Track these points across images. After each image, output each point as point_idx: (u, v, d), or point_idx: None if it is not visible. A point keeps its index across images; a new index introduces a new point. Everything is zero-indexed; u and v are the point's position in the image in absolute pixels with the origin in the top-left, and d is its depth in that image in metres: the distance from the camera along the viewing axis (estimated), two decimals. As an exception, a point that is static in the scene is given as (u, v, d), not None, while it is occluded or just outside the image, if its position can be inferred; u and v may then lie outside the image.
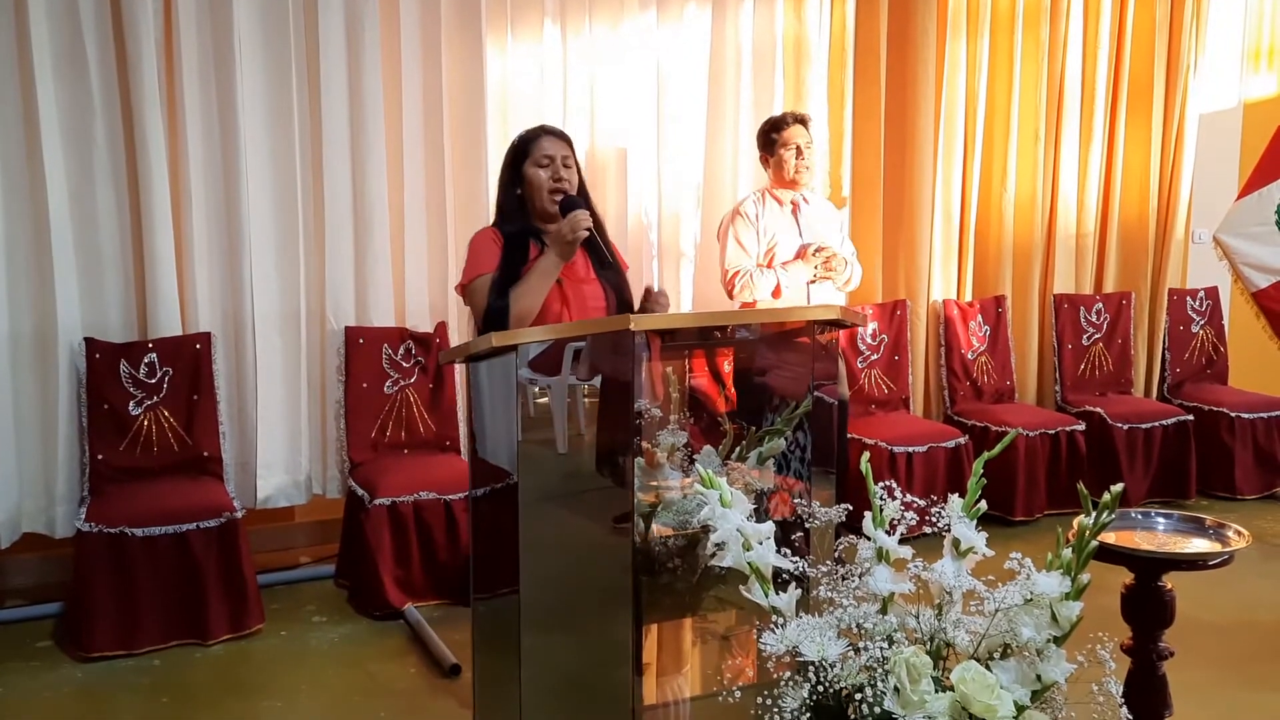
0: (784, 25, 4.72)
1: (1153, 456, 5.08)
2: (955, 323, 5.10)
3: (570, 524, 2.33)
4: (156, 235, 3.74)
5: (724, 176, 4.71)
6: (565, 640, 2.31)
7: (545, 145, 2.81)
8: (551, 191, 2.77)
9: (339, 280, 4.09)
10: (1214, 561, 2.22)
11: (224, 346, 3.94)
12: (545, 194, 2.78)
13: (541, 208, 2.80)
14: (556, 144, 2.82)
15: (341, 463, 4.09)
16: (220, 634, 3.51)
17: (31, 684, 3.24)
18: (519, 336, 2.18)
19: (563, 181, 2.77)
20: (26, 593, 3.81)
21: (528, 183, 2.80)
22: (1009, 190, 5.21)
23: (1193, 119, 5.51)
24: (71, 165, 3.67)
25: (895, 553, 1.79)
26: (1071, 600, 1.61)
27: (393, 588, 3.72)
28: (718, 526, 1.87)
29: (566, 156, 2.81)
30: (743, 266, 3.97)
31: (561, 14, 4.37)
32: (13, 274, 3.63)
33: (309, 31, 3.95)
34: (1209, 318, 5.68)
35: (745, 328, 2.54)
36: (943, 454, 4.60)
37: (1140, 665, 2.29)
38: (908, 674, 1.57)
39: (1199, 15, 5.43)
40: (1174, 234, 5.58)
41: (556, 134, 2.86)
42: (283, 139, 3.94)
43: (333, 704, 3.14)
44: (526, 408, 2.23)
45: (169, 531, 3.46)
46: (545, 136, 2.84)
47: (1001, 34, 5.13)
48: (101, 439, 3.69)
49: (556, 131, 2.88)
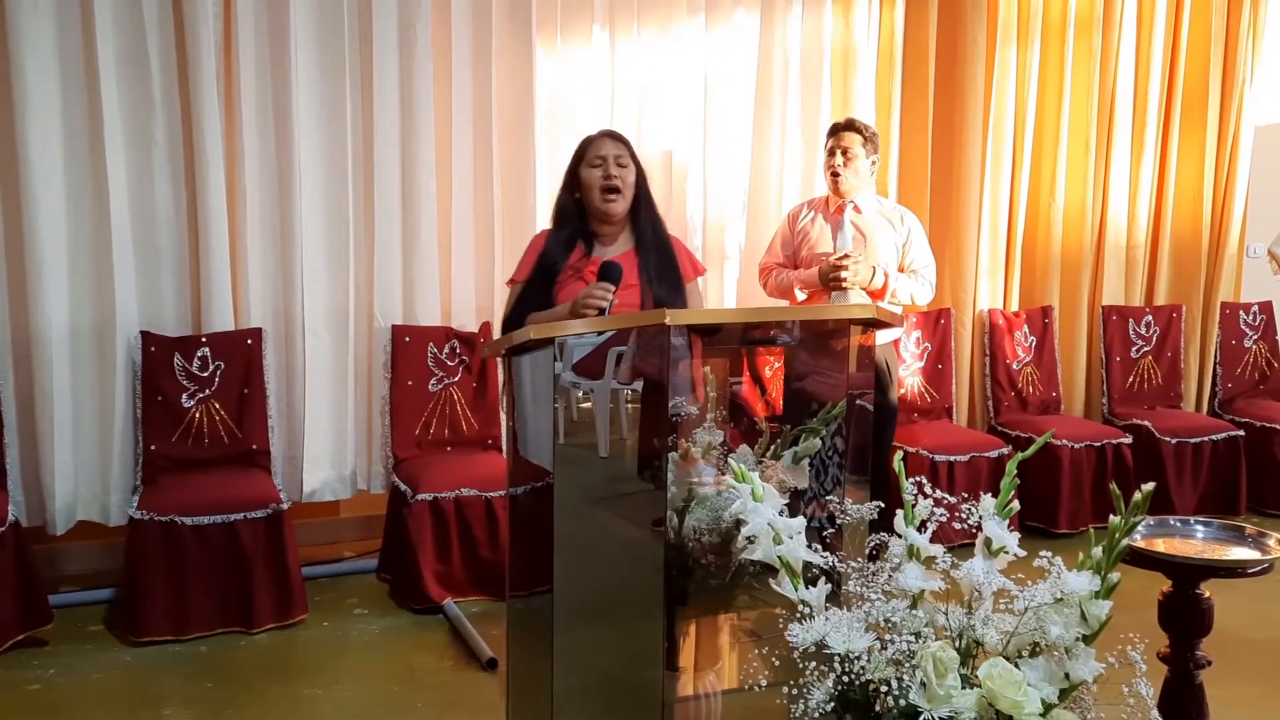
0: (832, 33, 4.72)
1: (1201, 471, 5.00)
2: (1001, 332, 5.06)
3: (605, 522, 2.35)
4: (212, 233, 3.84)
5: (770, 183, 4.72)
6: (598, 637, 2.33)
7: (599, 146, 2.87)
8: (603, 189, 2.83)
9: (387, 279, 4.16)
10: (1253, 569, 2.19)
11: (274, 342, 4.03)
12: (597, 193, 2.83)
13: (595, 208, 2.86)
14: (611, 144, 2.88)
15: (386, 459, 4.16)
16: (265, 623, 3.58)
17: (83, 665, 3.33)
18: (559, 329, 2.21)
19: (614, 179, 2.83)
20: (80, 579, 3.92)
21: (582, 184, 2.86)
22: (1058, 200, 5.16)
23: (1248, 131, 5.43)
24: (132, 164, 3.78)
25: (925, 550, 1.80)
26: (1101, 599, 1.61)
27: (433, 582, 3.77)
28: (749, 520, 1.89)
29: (620, 156, 2.86)
30: (769, 264, 4.09)
31: (611, 19, 4.42)
32: (75, 269, 3.74)
33: (363, 35, 4.03)
34: (1262, 332, 5.58)
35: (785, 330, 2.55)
36: (985, 463, 4.57)
37: (1177, 673, 2.26)
38: (934, 668, 1.57)
39: (1256, 25, 5.35)
40: (1227, 247, 5.49)
41: (613, 136, 2.93)
42: (335, 140, 4.03)
43: (372, 693, 3.20)
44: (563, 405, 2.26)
45: (218, 521, 3.54)
46: (600, 139, 2.91)
47: (1053, 42, 5.09)
48: (155, 430, 3.79)
49: (613, 134, 2.95)
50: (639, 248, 2.85)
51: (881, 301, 3.89)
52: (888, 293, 3.89)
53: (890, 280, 3.89)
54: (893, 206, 4.15)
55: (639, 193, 2.89)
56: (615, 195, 2.84)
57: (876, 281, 3.85)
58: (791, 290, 3.92)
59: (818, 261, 3.88)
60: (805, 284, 3.89)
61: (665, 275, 2.86)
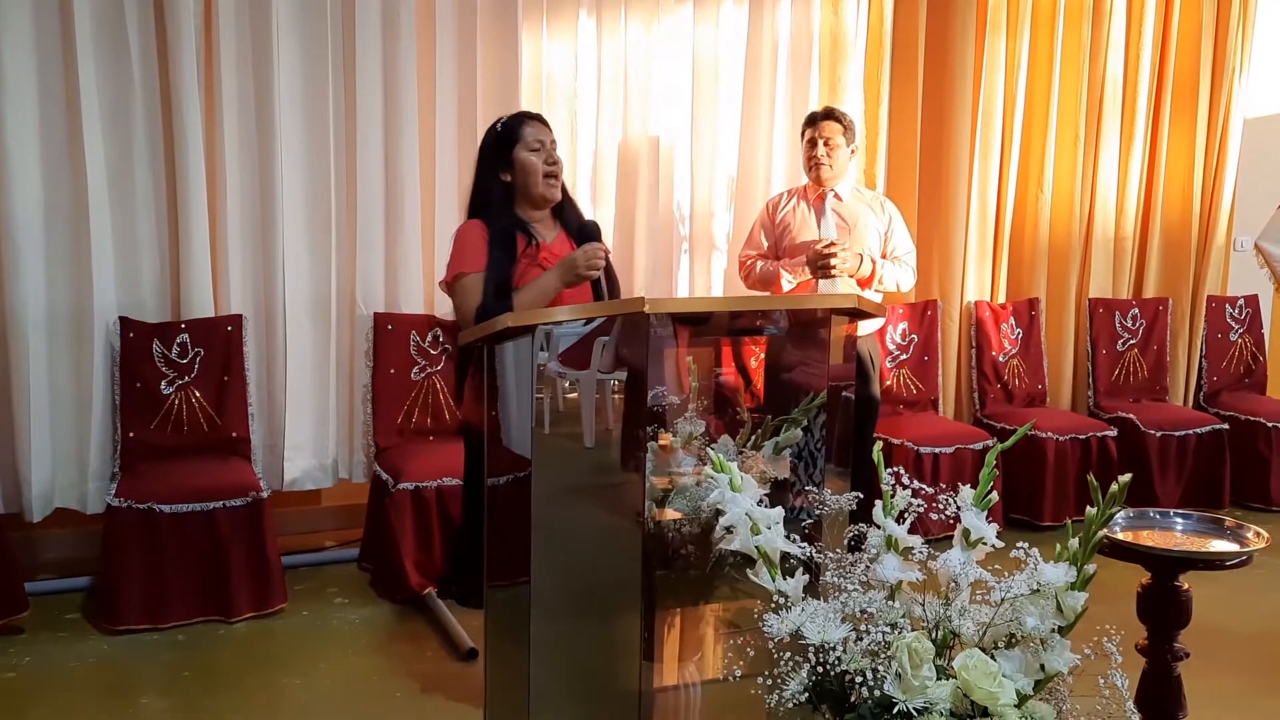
0: (821, 20, 4.70)
1: (1186, 465, 5.01)
2: (987, 324, 5.05)
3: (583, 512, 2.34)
4: (192, 218, 3.80)
5: (758, 171, 4.70)
6: (576, 627, 2.31)
7: (536, 130, 2.79)
8: (546, 175, 2.75)
9: (370, 267, 4.13)
10: (1231, 562, 2.19)
11: (255, 329, 3.99)
12: (540, 178, 2.76)
13: (534, 193, 2.78)
14: (544, 130, 2.81)
15: (368, 447, 4.13)
16: (244, 612, 3.56)
17: (60, 654, 3.31)
18: (536, 317, 2.19)
19: (557, 165, 2.76)
20: (57, 566, 3.89)
21: (520, 169, 2.77)
22: (1046, 192, 5.15)
23: (1237, 123, 5.42)
24: (111, 147, 3.73)
25: (903, 541, 1.78)
26: (1077, 591, 1.59)
27: (414, 572, 3.75)
28: (727, 510, 1.87)
29: (554, 143, 2.81)
30: (751, 255, 4.04)
31: (597, 5, 4.38)
32: (52, 253, 3.70)
33: (346, 19, 3.99)
34: (1248, 326, 5.58)
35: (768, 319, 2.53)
36: (970, 455, 4.56)
37: (1155, 665, 2.26)
38: (909, 658, 1.56)
39: (1245, 18, 5.34)
40: (1215, 240, 5.49)
41: (541, 120, 2.85)
42: (317, 125, 3.99)
43: (350, 683, 3.18)
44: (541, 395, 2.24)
45: (196, 509, 3.51)
46: (532, 122, 2.82)
47: (1042, 32, 5.07)
48: (133, 417, 3.76)
49: (540, 117, 2.86)
50: (567, 232, 2.80)
51: (869, 289, 3.89)
52: (875, 279, 3.88)
53: (877, 267, 3.88)
54: (871, 194, 4.16)
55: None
56: (557, 181, 2.77)
57: (864, 269, 3.84)
58: (777, 280, 3.90)
59: (801, 251, 3.86)
60: (794, 271, 3.86)
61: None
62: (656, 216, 4.53)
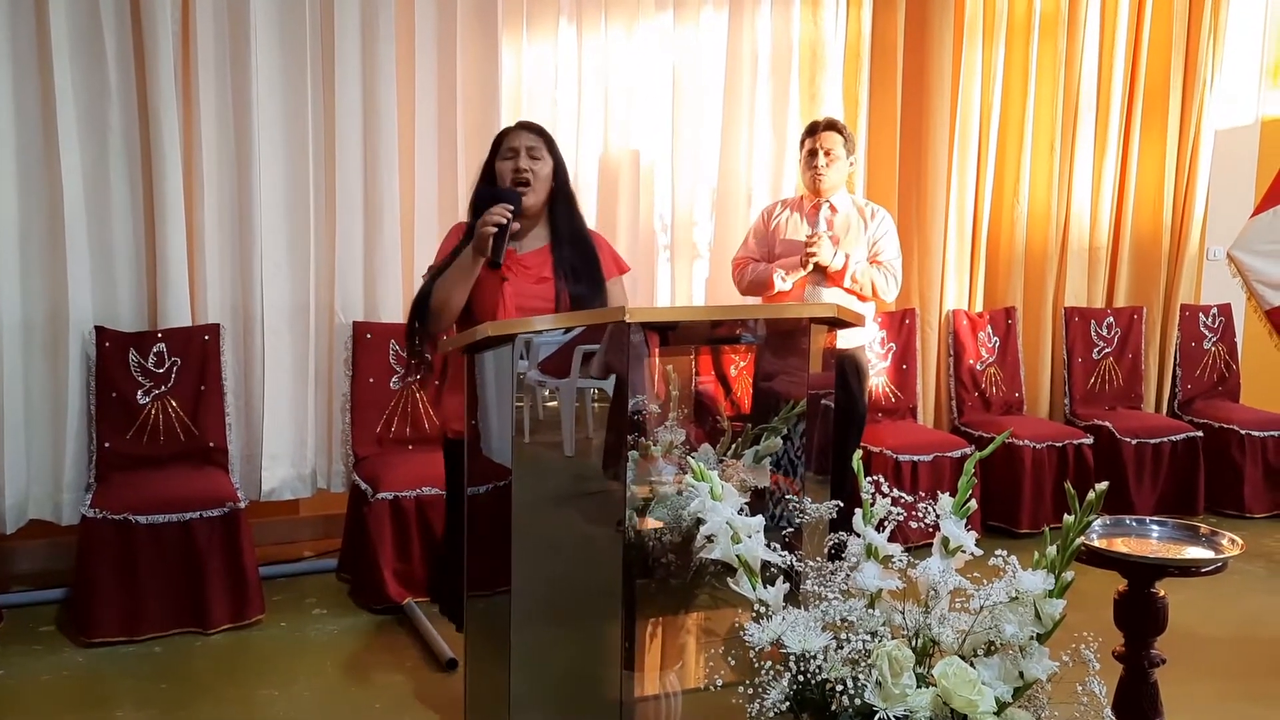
0: (800, 30, 4.72)
1: (1161, 472, 5.05)
2: (964, 333, 5.08)
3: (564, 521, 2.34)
4: (169, 226, 3.77)
5: (739, 180, 4.71)
6: (557, 636, 2.31)
7: (513, 138, 2.78)
8: (513, 183, 2.73)
9: (348, 275, 4.11)
10: (1206, 569, 2.21)
11: (232, 338, 3.97)
12: (507, 185, 2.74)
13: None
14: (526, 136, 2.79)
15: (346, 457, 4.11)
16: (221, 623, 3.53)
17: (34, 666, 3.27)
18: (514, 327, 2.19)
19: (524, 172, 2.73)
20: (31, 578, 3.85)
21: (497, 177, 2.78)
22: (1022, 201, 5.19)
23: (1209, 134, 5.48)
24: (87, 155, 3.70)
25: (883, 549, 1.79)
26: (1055, 598, 1.61)
27: (393, 582, 3.73)
28: (708, 519, 1.88)
29: (534, 148, 2.76)
30: (744, 258, 4.06)
31: (578, 13, 4.39)
32: (27, 261, 3.66)
33: (324, 26, 3.98)
34: (1221, 334, 5.64)
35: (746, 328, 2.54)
36: (948, 463, 4.58)
37: (1132, 672, 2.27)
38: (889, 667, 1.57)
39: (1216, 30, 5.40)
40: (1188, 249, 5.54)
41: (529, 127, 2.84)
42: (296, 133, 3.97)
43: (329, 694, 3.16)
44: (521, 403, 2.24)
45: (173, 520, 3.48)
46: (516, 130, 2.82)
47: (1017, 43, 5.12)
48: (109, 427, 3.72)
49: (530, 125, 2.85)
50: (555, 243, 2.80)
51: (841, 284, 3.87)
52: (847, 275, 3.84)
53: (850, 262, 3.84)
54: (865, 202, 4.16)
55: (556, 186, 2.80)
56: (525, 189, 2.74)
57: (837, 262, 3.82)
58: (770, 281, 3.88)
59: (791, 250, 3.88)
60: (787, 269, 3.87)
61: (583, 271, 2.77)
62: (637, 225, 4.54)
